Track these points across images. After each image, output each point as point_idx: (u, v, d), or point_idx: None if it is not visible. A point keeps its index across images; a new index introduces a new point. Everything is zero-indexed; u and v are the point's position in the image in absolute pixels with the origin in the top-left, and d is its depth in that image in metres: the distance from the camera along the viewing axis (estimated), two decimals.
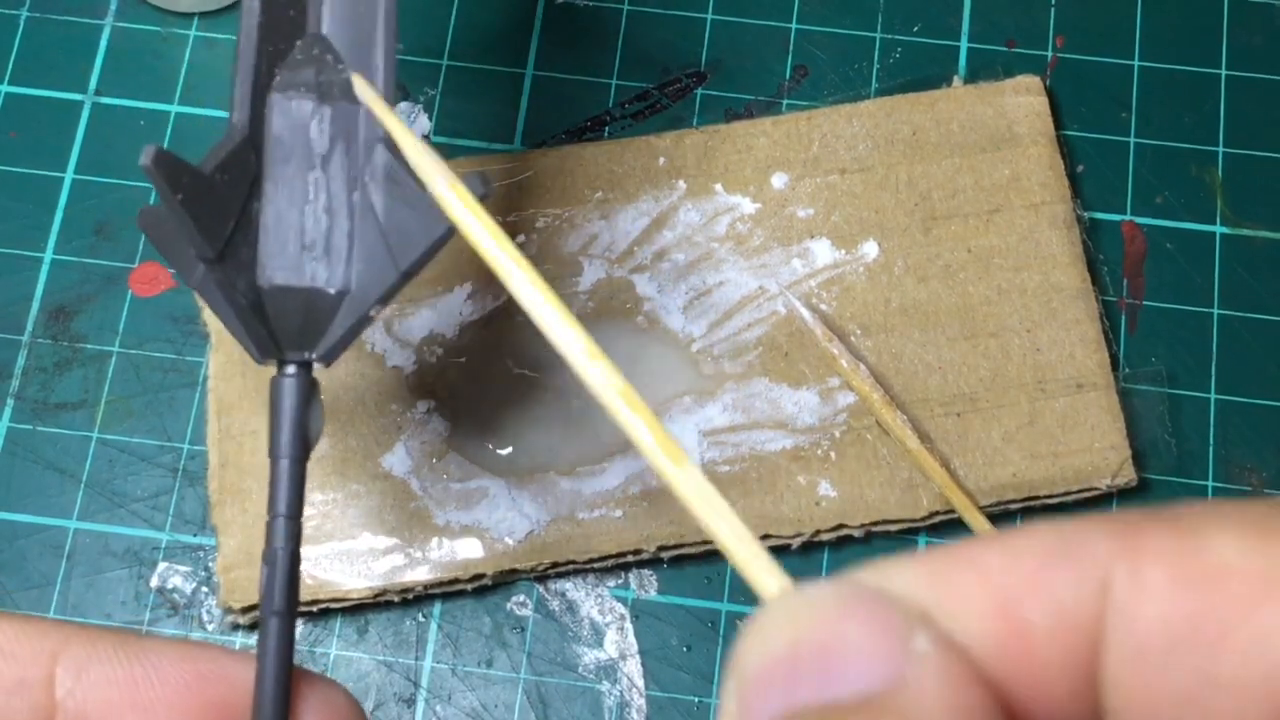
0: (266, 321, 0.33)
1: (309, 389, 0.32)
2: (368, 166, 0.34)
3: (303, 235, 0.34)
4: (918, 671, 0.16)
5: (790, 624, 0.17)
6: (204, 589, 0.44)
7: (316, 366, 0.33)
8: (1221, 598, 0.16)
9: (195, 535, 0.45)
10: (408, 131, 0.31)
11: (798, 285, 0.46)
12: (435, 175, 0.28)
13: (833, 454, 0.44)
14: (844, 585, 0.18)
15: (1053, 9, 0.51)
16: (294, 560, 0.31)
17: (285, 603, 0.30)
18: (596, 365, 0.22)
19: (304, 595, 0.43)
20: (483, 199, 0.30)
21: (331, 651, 0.44)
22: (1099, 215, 0.48)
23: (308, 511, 0.43)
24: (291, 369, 0.32)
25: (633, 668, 0.43)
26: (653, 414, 0.21)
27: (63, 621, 0.27)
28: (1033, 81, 0.48)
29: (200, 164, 0.31)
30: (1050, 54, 0.50)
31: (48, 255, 0.48)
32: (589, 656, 0.44)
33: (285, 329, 0.33)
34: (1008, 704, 0.17)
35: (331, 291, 0.33)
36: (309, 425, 0.32)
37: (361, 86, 0.33)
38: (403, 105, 0.49)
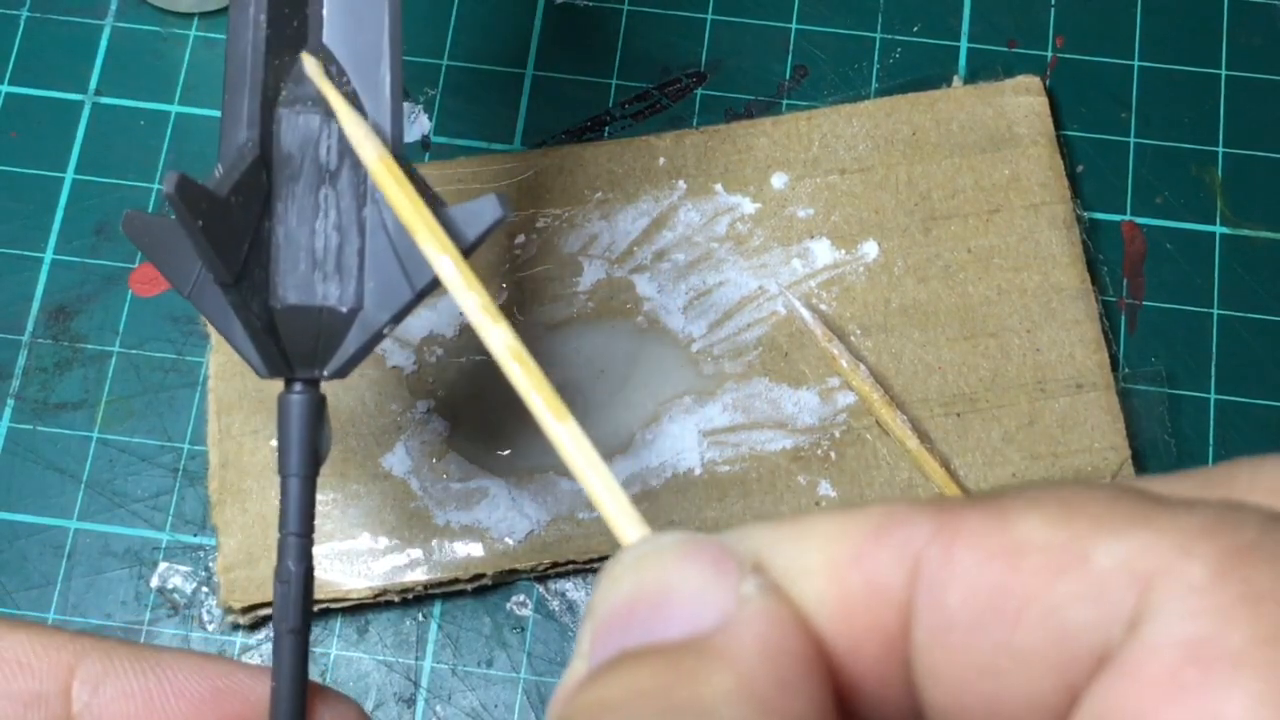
0: (279, 341, 0.32)
1: (319, 406, 0.32)
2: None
3: (314, 253, 0.33)
4: (742, 614, 0.17)
5: (635, 569, 0.18)
6: (204, 589, 0.44)
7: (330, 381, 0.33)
8: (1021, 573, 0.16)
9: (195, 535, 0.45)
10: (347, 108, 0.31)
11: (798, 285, 0.46)
12: (355, 127, 0.30)
13: (833, 454, 0.44)
14: (688, 534, 0.18)
15: (1053, 9, 0.51)
16: (308, 578, 0.31)
17: (299, 620, 0.30)
18: (498, 327, 0.25)
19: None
20: (500, 222, 0.30)
21: (331, 651, 0.44)
22: (1099, 215, 0.48)
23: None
24: (300, 386, 0.32)
25: None
26: (540, 373, 0.23)
27: (79, 633, 0.27)
28: (1033, 81, 0.48)
29: (214, 186, 0.31)
30: (1050, 54, 0.50)
31: (48, 255, 0.48)
32: None
33: (296, 348, 0.32)
34: (833, 663, 0.18)
35: (344, 310, 0.33)
36: (318, 442, 0.32)
37: (312, 67, 0.32)
38: (403, 105, 0.49)
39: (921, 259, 0.46)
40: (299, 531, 0.31)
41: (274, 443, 0.44)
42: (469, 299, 0.25)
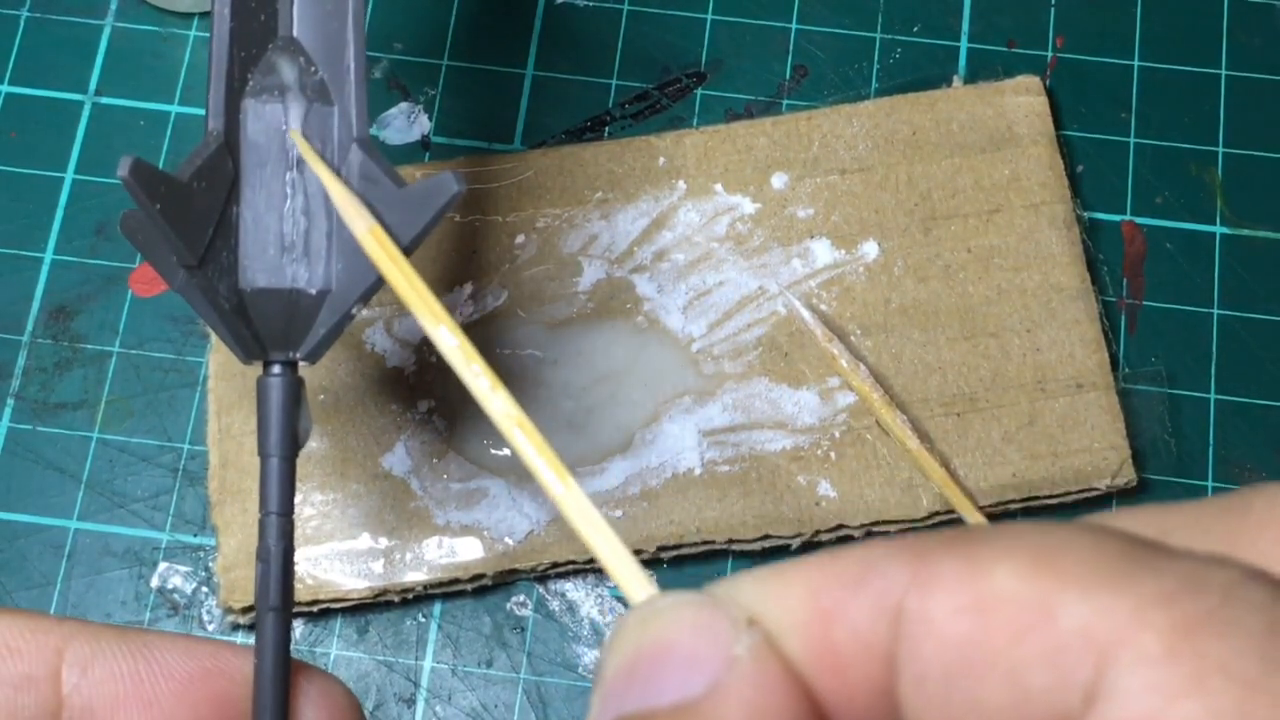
0: (250, 324, 0.33)
1: (295, 388, 0.33)
2: (344, 167, 0.34)
3: (282, 237, 0.34)
4: (731, 677, 0.17)
5: (636, 632, 0.19)
6: (204, 589, 0.44)
7: (311, 365, 0.33)
8: (989, 628, 0.16)
9: (195, 535, 0.45)
10: (334, 181, 0.33)
11: (798, 285, 0.46)
12: (343, 201, 0.32)
13: (832, 454, 0.44)
14: (687, 594, 0.19)
15: (1053, 9, 0.51)
16: (287, 556, 0.32)
17: (280, 598, 0.31)
18: (497, 395, 0.25)
19: (304, 595, 0.43)
20: (456, 198, 0.32)
21: (331, 651, 0.44)
22: (1099, 215, 0.48)
23: (308, 511, 0.43)
24: (277, 369, 0.33)
25: None
26: (542, 438, 0.24)
27: (65, 618, 0.27)
28: (1033, 82, 0.48)
29: (177, 171, 0.32)
30: (1050, 54, 0.50)
31: (48, 255, 0.48)
32: (589, 656, 0.44)
33: (269, 330, 0.33)
34: (826, 715, 0.18)
35: (313, 292, 0.34)
36: (297, 423, 0.33)
37: (302, 146, 0.34)
38: (403, 105, 0.49)
39: (921, 259, 0.46)
40: (279, 510, 0.32)
41: None
42: (469, 371, 0.26)
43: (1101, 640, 0.15)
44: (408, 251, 0.32)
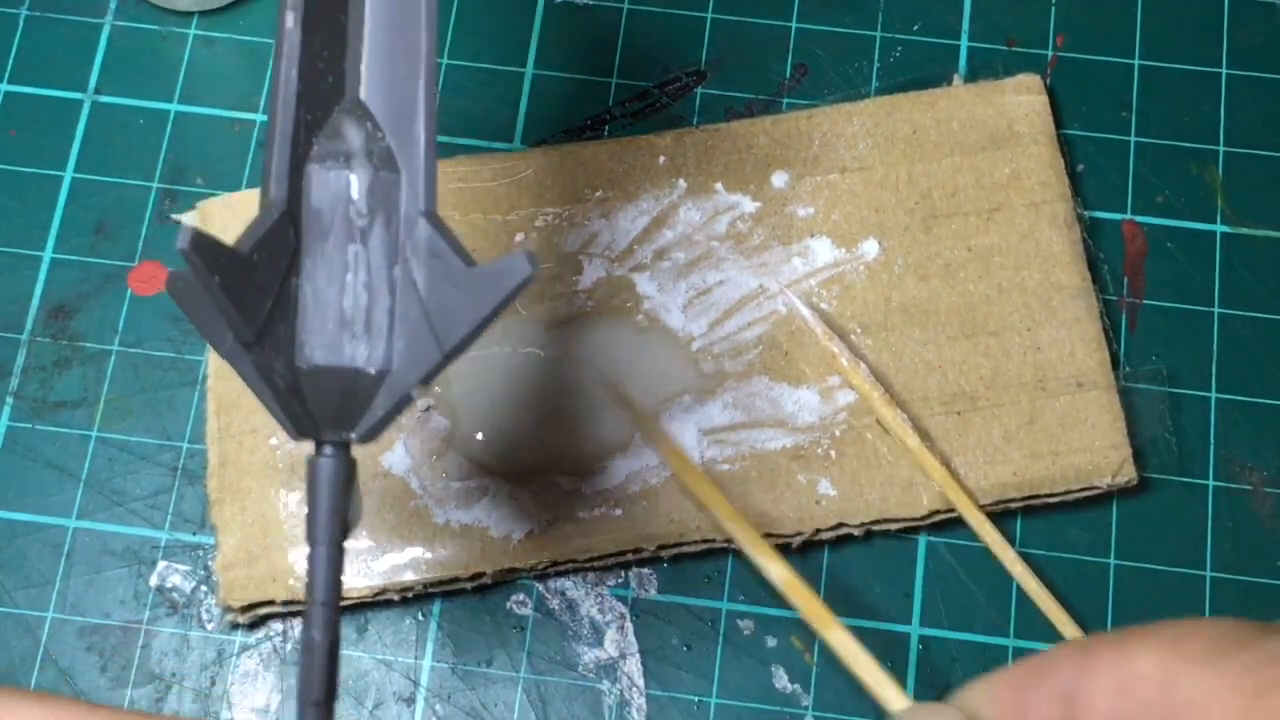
0: (304, 402, 0.31)
1: (348, 470, 0.31)
2: (409, 240, 0.32)
3: (342, 312, 0.32)
4: None
5: None
6: (203, 588, 0.44)
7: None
8: (1131, 700, 0.21)
9: (194, 534, 0.45)
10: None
11: (798, 284, 0.46)
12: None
13: (833, 453, 0.44)
14: (935, 705, 0.25)
15: (1053, 8, 0.51)
16: (333, 649, 0.30)
17: (324, 692, 0.30)
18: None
19: (304, 595, 0.43)
20: (528, 281, 0.30)
21: None
22: (1099, 214, 0.48)
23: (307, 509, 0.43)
24: (329, 449, 0.31)
25: (632, 667, 0.43)
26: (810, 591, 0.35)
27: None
28: (1033, 80, 0.48)
29: (237, 243, 0.30)
30: (1050, 53, 0.50)
31: (47, 254, 0.48)
32: (589, 656, 0.44)
33: (324, 409, 0.31)
34: None
35: (372, 371, 0.32)
36: (348, 508, 0.31)
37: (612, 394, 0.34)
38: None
39: (922, 257, 0.46)
40: (325, 600, 0.30)
41: (273, 441, 0.44)
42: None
43: (1202, 704, 0.20)
44: (471, 338, 0.31)
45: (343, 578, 0.43)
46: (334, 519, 0.30)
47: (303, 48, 0.32)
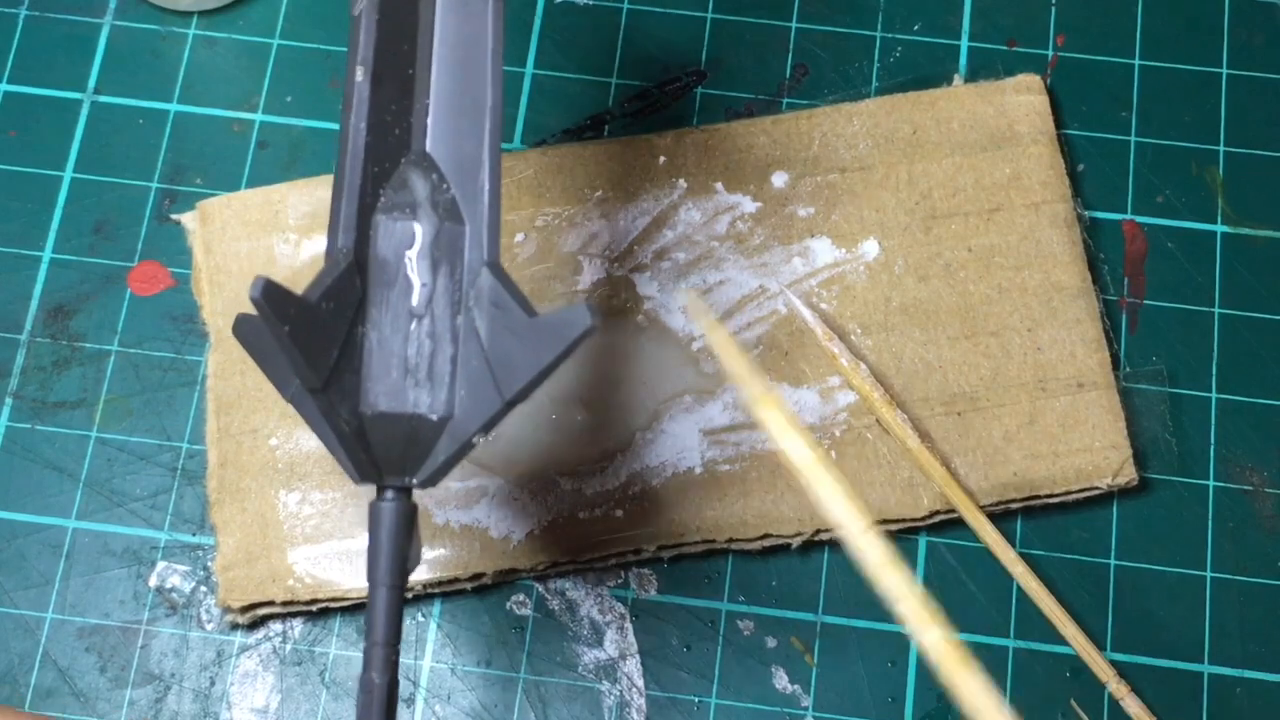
0: (368, 447, 0.32)
1: (409, 514, 0.32)
2: (472, 290, 0.33)
3: (405, 360, 0.33)
4: None
5: None
6: (203, 588, 0.44)
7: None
8: None
9: (194, 534, 0.45)
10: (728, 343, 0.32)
11: (798, 284, 0.46)
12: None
13: (833, 453, 0.44)
14: None
15: (1053, 8, 0.51)
16: (391, 690, 0.31)
17: None
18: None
19: (304, 595, 0.43)
20: (589, 333, 0.30)
21: (331, 651, 0.44)
22: (1099, 214, 0.48)
23: (307, 511, 0.43)
24: (390, 494, 0.32)
25: (632, 667, 0.43)
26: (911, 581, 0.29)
27: None
28: (1033, 80, 0.48)
29: (306, 292, 0.31)
30: (1051, 53, 0.50)
31: (47, 254, 0.48)
32: (589, 656, 0.44)
33: (386, 454, 0.32)
34: None
35: (434, 418, 0.33)
36: (408, 551, 0.32)
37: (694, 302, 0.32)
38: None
39: (922, 258, 0.46)
40: (385, 641, 0.31)
41: (273, 441, 0.44)
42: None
43: None
44: (532, 387, 0.31)
45: (342, 578, 0.43)
46: (395, 562, 0.31)
47: (371, 101, 0.33)
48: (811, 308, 0.45)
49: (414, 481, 0.32)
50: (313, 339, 0.30)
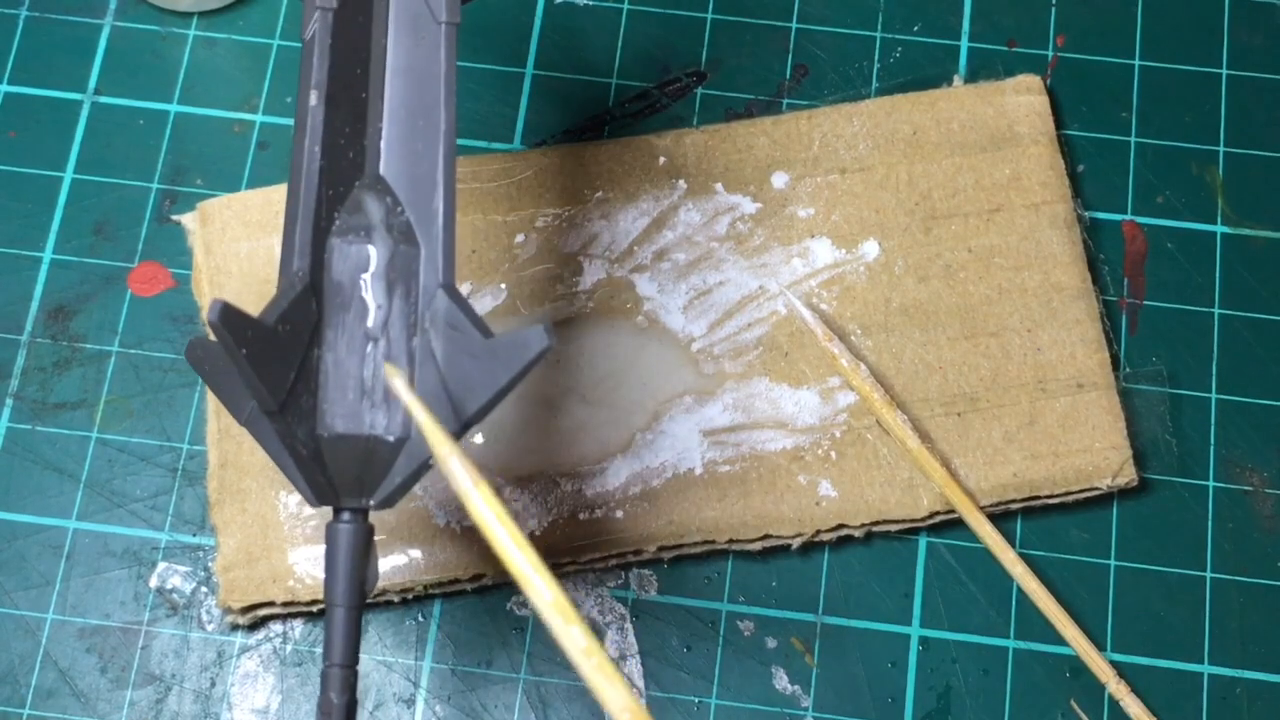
0: (325, 470, 0.32)
1: (366, 536, 0.32)
2: (428, 312, 0.33)
3: (362, 382, 0.33)
4: None
5: None
6: (203, 589, 0.44)
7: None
8: None
9: (195, 535, 0.45)
10: (429, 422, 0.29)
11: (798, 285, 0.46)
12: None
13: (833, 454, 0.44)
14: None
15: (1053, 8, 0.51)
16: (350, 710, 0.31)
17: None
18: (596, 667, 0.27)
19: (304, 595, 0.43)
20: (544, 353, 0.30)
21: None
22: (1099, 215, 0.48)
23: (307, 511, 0.43)
24: (347, 516, 0.32)
25: (633, 668, 0.43)
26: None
27: None
28: (1033, 81, 0.48)
29: (262, 314, 0.31)
30: (1051, 53, 0.50)
31: (47, 255, 0.48)
32: None
33: (343, 476, 0.32)
34: None
35: (391, 439, 0.33)
36: (365, 572, 0.32)
37: (397, 381, 0.31)
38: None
39: (922, 258, 0.46)
40: (342, 662, 0.31)
41: None
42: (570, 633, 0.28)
43: None
44: (488, 408, 0.31)
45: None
46: (352, 583, 0.31)
47: (325, 125, 0.33)
48: (811, 308, 0.45)
49: (371, 503, 0.32)
50: (270, 362, 0.30)
